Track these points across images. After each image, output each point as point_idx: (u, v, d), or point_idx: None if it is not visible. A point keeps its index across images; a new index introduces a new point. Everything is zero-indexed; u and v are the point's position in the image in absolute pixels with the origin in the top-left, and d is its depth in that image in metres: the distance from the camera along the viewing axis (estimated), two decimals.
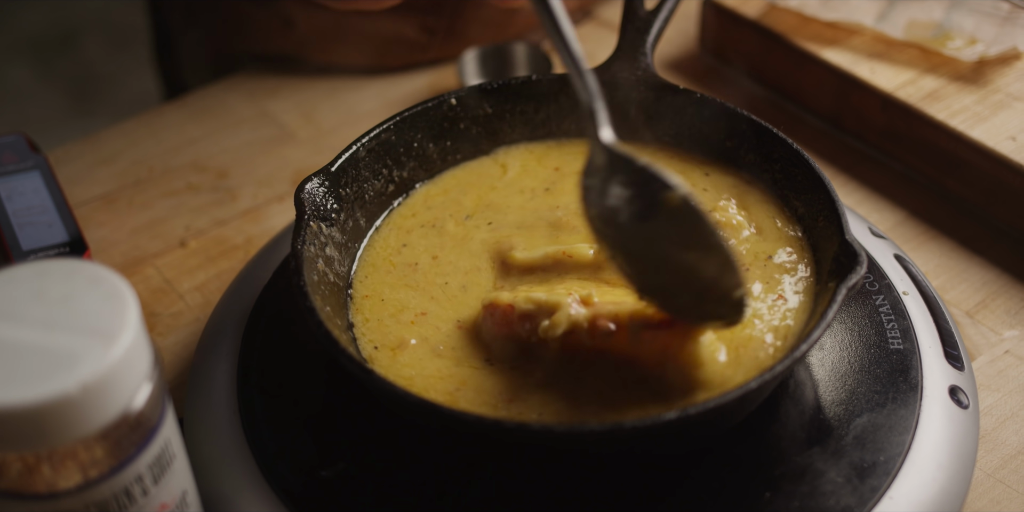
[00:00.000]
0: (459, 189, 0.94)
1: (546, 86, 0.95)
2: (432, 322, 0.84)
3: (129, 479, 0.64)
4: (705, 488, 0.76)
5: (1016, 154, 1.02)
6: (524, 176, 0.95)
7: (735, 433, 0.79)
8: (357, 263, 0.88)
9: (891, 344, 0.85)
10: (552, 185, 0.94)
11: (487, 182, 0.94)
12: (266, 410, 0.82)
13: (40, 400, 0.57)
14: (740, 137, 0.91)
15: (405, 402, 0.71)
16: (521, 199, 0.93)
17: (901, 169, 1.12)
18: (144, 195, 1.13)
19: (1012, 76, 1.11)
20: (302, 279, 0.77)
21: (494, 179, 0.95)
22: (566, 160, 0.96)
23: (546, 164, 0.96)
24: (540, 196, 0.93)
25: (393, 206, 0.92)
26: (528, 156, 0.96)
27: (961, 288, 1.00)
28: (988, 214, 1.06)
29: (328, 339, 0.74)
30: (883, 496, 0.75)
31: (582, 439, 0.70)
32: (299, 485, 0.77)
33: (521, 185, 0.94)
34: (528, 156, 0.96)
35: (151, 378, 0.63)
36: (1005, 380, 0.92)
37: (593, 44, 1.30)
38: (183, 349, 0.97)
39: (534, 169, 0.95)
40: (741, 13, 1.20)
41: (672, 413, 0.68)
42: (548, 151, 0.97)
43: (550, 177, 0.94)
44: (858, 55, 1.14)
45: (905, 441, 0.78)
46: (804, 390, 0.82)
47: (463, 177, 0.95)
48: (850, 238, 0.78)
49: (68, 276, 0.63)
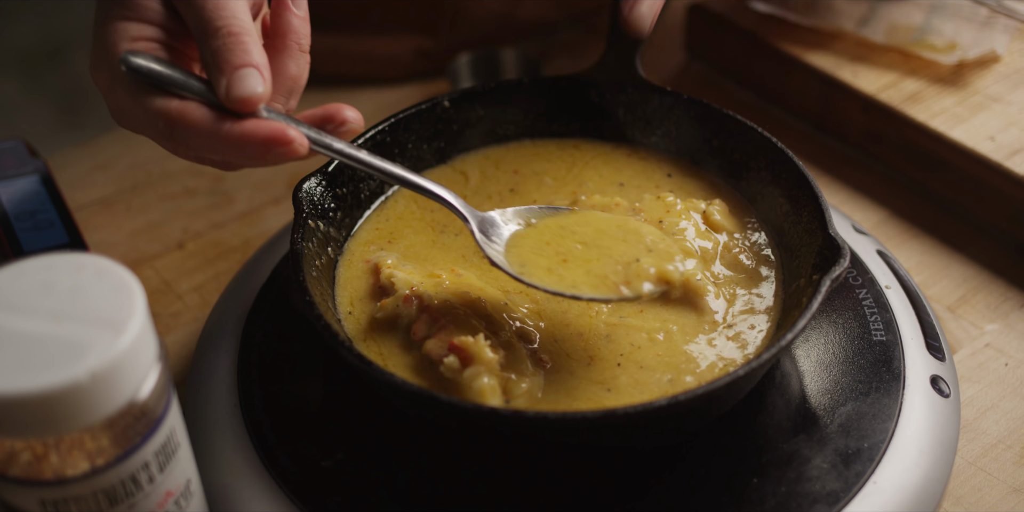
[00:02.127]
0: (428, 204, 0.95)
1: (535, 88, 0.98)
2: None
3: (136, 467, 0.66)
4: (694, 475, 0.78)
5: (995, 154, 1.04)
6: (486, 182, 0.97)
7: (723, 423, 0.81)
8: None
9: (874, 336, 0.87)
10: (516, 186, 0.96)
11: (456, 189, 0.96)
12: (266, 402, 0.84)
13: (50, 388, 0.59)
14: (726, 137, 0.93)
15: (403, 392, 0.73)
16: (491, 204, 0.95)
17: (883, 169, 1.14)
18: (142, 199, 1.15)
19: (990, 78, 1.13)
20: (302, 274, 0.79)
21: (460, 186, 0.97)
22: (521, 162, 0.98)
23: (504, 168, 0.98)
24: (508, 198, 0.95)
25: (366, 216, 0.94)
26: (485, 162, 0.99)
27: (943, 284, 1.02)
28: (968, 212, 1.08)
29: (328, 332, 0.76)
30: (867, 481, 0.77)
31: (575, 426, 0.71)
32: (299, 475, 0.79)
33: (488, 191, 0.96)
34: (485, 162, 0.99)
35: (157, 368, 0.65)
36: (986, 372, 0.94)
37: (582, 50, 1.32)
38: (182, 348, 0.98)
39: (494, 174, 0.97)
40: (726, 18, 1.22)
41: (663, 400, 0.70)
42: (504, 154, 0.99)
43: (511, 179, 0.97)
44: (840, 59, 1.16)
45: (888, 428, 0.80)
46: (790, 381, 0.84)
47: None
48: (833, 232, 0.81)
49: (76, 269, 0.65)
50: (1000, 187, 1.04)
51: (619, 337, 0.82)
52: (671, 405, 0.70)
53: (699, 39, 1.27)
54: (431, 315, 0.81)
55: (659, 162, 0.97)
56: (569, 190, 0.95)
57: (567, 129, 0.99)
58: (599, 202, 0.91)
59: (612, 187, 0.95)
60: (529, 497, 0.78)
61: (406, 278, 0.84)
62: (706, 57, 1.28)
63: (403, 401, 0.77)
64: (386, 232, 0.92)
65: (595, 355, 0.81)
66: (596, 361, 0.81)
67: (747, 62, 1.23)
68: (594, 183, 0.96)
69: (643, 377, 0.80)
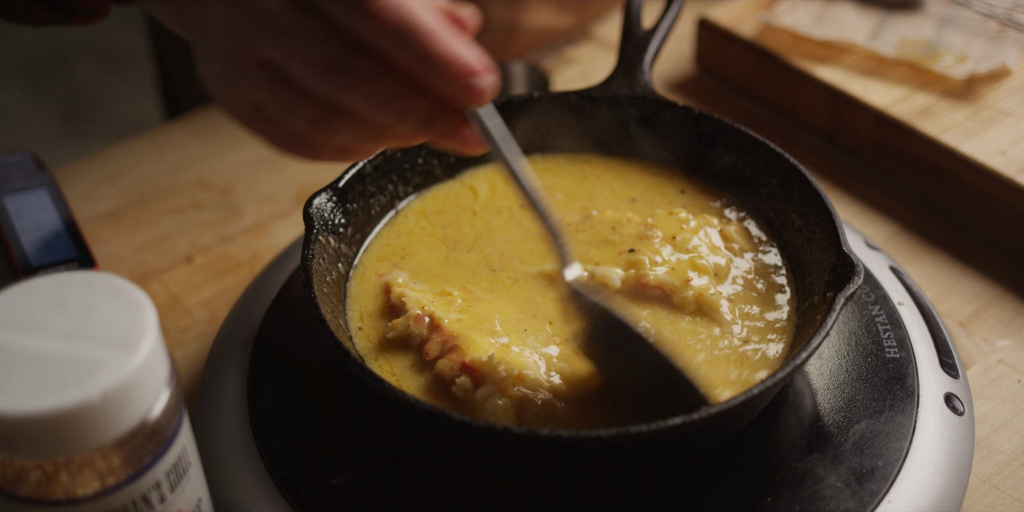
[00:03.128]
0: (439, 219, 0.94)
1: (546, 103, 0.97)
2: None
3: (147, 486, 0.65)
4: (707, 493, 0.78)
5: (1006, 168, 1.04)
6: (495, 197, 0.97)
7: (736, 441, 0.80)
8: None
9: (887, 353, 0.86)
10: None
11: (464, 205, 0.96)
12: (276, 419, 0.83)
13: (63, 408, 0.58)
14: (738, 152, 0.93)
15: (415, 410, 0.73)
16: (500, 220, 0.95)
17: (894, 184, 1.14)
18: (150, 212, 1.14)
19: (1001, 92, 1.13)
20: (312, 291, 0.79)
21: (470, 201, 0.96)
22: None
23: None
24: (518, 213, 0.95)
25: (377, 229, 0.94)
26: (495, 177, 0.98)
27: (954, 299, 1.02)
28: (979, 227, 1.08)
29: (340, 349, 0.75)
30: (882, 500, 0.77)
31: (589, 446, 0.71)
32: (310, 493, 0.78)
33: (497, 206, 0.96)
34: (495, 177, 0.98)
35: (169, 387, 0.65)
36: (999, 389, 0.93)
37: (592, 63, 1.32)
38: (192, 363, 0.98)
39: (503, 189, 0.97)
40: (735, 32, 1.22)
41: (677, 419, 0.70)
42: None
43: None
44: (851, 73, 1.16)
45: (903, 447, 0.80)
46: (803, 398, 0.84)
47: (440, 202, 0.96)
48: (847, 249, 0.80)
49: (87, 287, 0.64)
50: (1012, 202, 1.03)
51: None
52: (685, 424, 0.70)
53: (709, 53, 1.27)
54: (442, 335, 0.80)
55: (671, 177, 0.97)
56: (580, 205, 0.95)
57: (578, 144, 0.99)
58: (611, 217, 0.91)
59: (624, 202, 0.95)
60: None
61: (417, 298, 0.84)
62: (716, 71, 1.28)
63: (415, 419, 0.76)
64: (398, 248, 0.91)
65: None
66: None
67: (757, 76, 1.22)
68: (605, 198, 0.95)
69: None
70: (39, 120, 3.01)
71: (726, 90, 1.27)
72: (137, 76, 2.89)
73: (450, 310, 0.83)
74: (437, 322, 0.81)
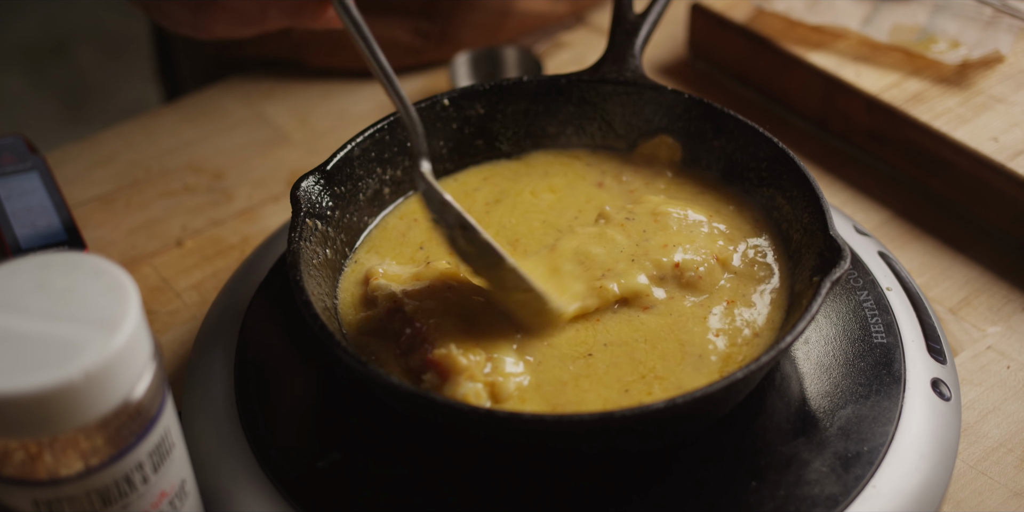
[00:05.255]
0: None
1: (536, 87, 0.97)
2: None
3: (129, 467, 0.66)
4: (692, 477, 0.78)
5: (998, 155, 1.04)
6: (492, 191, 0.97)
7: (722, 425, 0.80)
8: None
9: (875, 338, 0.86)
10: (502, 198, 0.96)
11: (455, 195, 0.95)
12: (263, 402, 0.83)
13: (44, 387, 0.59)
14: (727, 137, 0.93)
15: (398, 393, 0.73)
16: (500, 210, 0.95)
17: (886, 170, 1.14)
18: (141, 196, 1.14)
19: (994, 78, 1.13)
20: (299, 273, 0.79)
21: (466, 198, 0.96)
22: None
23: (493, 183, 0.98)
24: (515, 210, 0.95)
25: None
26: (493, 174, 0.98)
27: (945, 286, 1.02)
28: (971, 213, 1.08)
29: (324, 332, 0.75)
30: (867, 485, 0.77)
31: (572, 428, 0.71)
32: (296, 476, 0.78)
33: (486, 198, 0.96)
34: (493, 174, 0.98)
35: (151, 367, 0.65)
36: (987, 375, 0.93)
37: (584, 48, 1.32)
38: (180, 346, 0.98)
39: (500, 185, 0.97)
40: (728, 17, 1.22)
41: (660, 402, 0.70)
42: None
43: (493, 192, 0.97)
44: (844, 58, 1.16)
45: (888, 431, 0.80)
46: (790, 383, 0.84)
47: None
48: (834, 233, 0.80)
49: (70, 268, 0.64)
50: (1003, 188, 1.03)
51: (614, 333, 0.82)
52: (668, 408, 0.70)
53: (701, 37, 1.27)
54: (413, 329, 0.80)
55: (661, 162, 0.96)
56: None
57: (566, 128, 0.99)
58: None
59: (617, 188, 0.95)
60: (526, 498, 0.77)
61: (390, 291, 0.84)
62: (708, 56, 1.27)
63: (399, 402, 0.76)
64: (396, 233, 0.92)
65: (591, 352, 0.81)
66: (590, 358, 0.80)
67: (749, 61, 1.22)
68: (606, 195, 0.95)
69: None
70: (40, 106, 3.01)
71: (719, 75, 1.27)
72: (138, 62, 2.89)
73: (421, 291, 0.83)
74: (410, 316, 0.81)
